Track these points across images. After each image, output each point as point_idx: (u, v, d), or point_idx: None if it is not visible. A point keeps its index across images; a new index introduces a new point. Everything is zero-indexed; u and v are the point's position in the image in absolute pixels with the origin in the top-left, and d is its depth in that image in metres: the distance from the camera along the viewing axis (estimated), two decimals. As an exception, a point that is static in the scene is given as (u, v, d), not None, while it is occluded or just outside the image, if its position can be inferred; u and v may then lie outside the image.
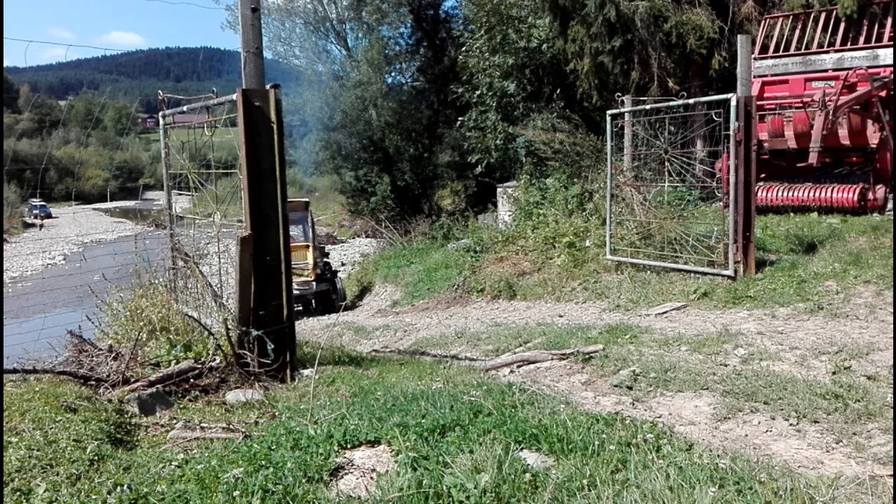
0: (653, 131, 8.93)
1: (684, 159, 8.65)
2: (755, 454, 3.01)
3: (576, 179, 12.80)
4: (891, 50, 10.69)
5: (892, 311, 5.56)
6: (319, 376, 4.31)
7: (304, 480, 2.53)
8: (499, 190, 18.70)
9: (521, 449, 2.81)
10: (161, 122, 6.34)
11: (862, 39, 11.38)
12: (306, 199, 19.60)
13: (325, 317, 14.79)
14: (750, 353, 4.77)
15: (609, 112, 9.02)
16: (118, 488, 2.53)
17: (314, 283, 16.21)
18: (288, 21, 29.77)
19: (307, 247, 16.56)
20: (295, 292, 13.39)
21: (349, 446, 2.87)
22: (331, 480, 2.60)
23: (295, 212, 16.66)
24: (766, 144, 10.69)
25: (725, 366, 4.53)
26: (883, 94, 10.31)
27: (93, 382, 4.15)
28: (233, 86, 4.80)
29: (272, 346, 4.37)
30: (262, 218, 4.57)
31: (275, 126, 4.57)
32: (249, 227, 4.52)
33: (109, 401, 3.89)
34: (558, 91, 18.65)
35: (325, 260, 19.19)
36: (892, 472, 2.80)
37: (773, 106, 11.12)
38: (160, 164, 6.85)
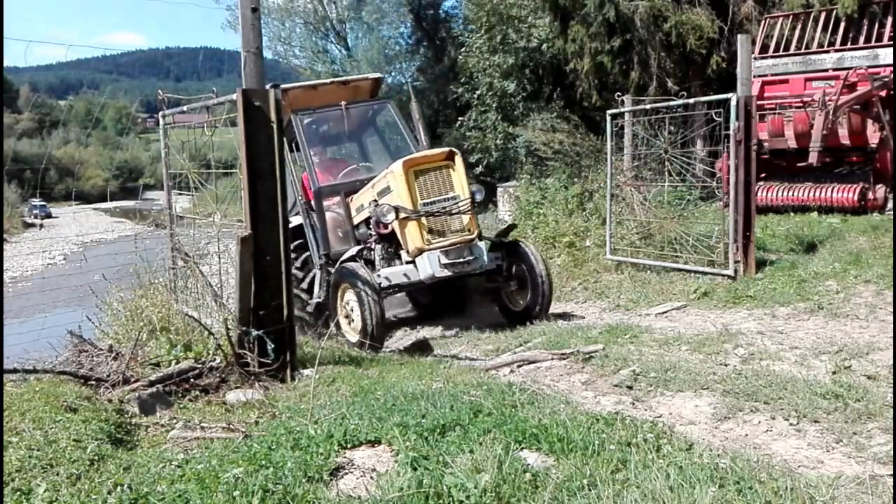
0: (653, 131, 8.92)
1: (684, 159, 8.65)
2: (755, 454, 3.01)
3: (576, 179, 12.80)
4: (891, 50, 10.69)
5: (892, 310, 5.55)
6: (319, 376, 4.31)
7: (304, 480, 2.53)
8: (499, 190, 18.69)
9: (522, 448, 2.81)
10: (161, 122, 6.34)
11: (862, 39, 11.37)
12: (378, 76, 9.10)
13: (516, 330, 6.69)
14: (750, 353, 4.77)
15: (609, 112, 9.02)
16: (118, 488, 2.53)
17: (481, 250, 6.90)
18: (288, 21, 29.75)
19: (449, 157, 6.87)
20: (442, 272, 6.38)
21: (349, 446, 2.87)
22: (331, 480, 2.60)
23: (356, 106, 8.28)
24: (766, 144, 10.69)
25: (725, 365, 4.53)
26: (883, 93, 10.31)
27: (93, 382, 4.15)
28: (233, 86, 4.80)
29: (272, 346, 4.37)
30: (262, 218, 4.57)
31: (274, 126, 4.57)
32: (249, 226, 4.52)
33: (109, 401, 3.89)
34: (558, 91, 18.66)
35: None
36: (892, 472, 2.80)
37: (773, 106, 11.11)
38: (160, 164, 6.85)
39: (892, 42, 10.83)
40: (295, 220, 7.78)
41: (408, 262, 6.87)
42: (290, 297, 4.67)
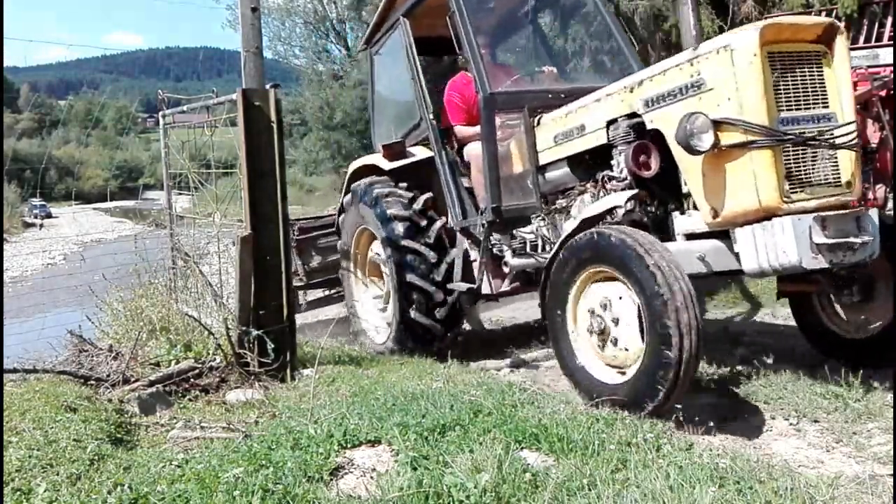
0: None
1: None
2: (755, 454, 3.01)
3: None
4: (891, 50, 10.69)
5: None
6: (319, 376, 4.31)
7: (304, 480, 2.52)
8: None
9: (522, 448, 2.81)
10: (161, 121, 6.34)
11: (862, 39, 11.38)
12: None
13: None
14: (750, 353, 4.76)
15: (609, 112, 8.99)
16: (118, 488, 2.53)
17: (875, 225, 3.29)
18: (288, 21, 29.77)
19: (826, 37, 3.33)
20: (815, 259, 3.19)
21: (349, 446, 2.87)
22: (331, 480, 2.60)
23: None
24: (766, 144, 10.69)
25: (725, 365, 4.53)
26: (883, 93, 10.31)
27: (93, 382, 4.15)
28: (233, 85, 4.80)
29: (272, 346, 4.37)
30: (262, 218, 4.58)
31: (275, 125, 4.57)
32: (249, 226, 4.53)
33: (109, 400, 3.89)
34: (558, 91, 18.65)
35: None
36: (892, 472, 2.80)
37: (773, 105, 11.11)
38: (160, 163, 6.85)
39: (892, 42, 10.83)
40: (420, 153, 5.33)
41: (697, 236, 3.67)
42: (290, 297, 4.68)
